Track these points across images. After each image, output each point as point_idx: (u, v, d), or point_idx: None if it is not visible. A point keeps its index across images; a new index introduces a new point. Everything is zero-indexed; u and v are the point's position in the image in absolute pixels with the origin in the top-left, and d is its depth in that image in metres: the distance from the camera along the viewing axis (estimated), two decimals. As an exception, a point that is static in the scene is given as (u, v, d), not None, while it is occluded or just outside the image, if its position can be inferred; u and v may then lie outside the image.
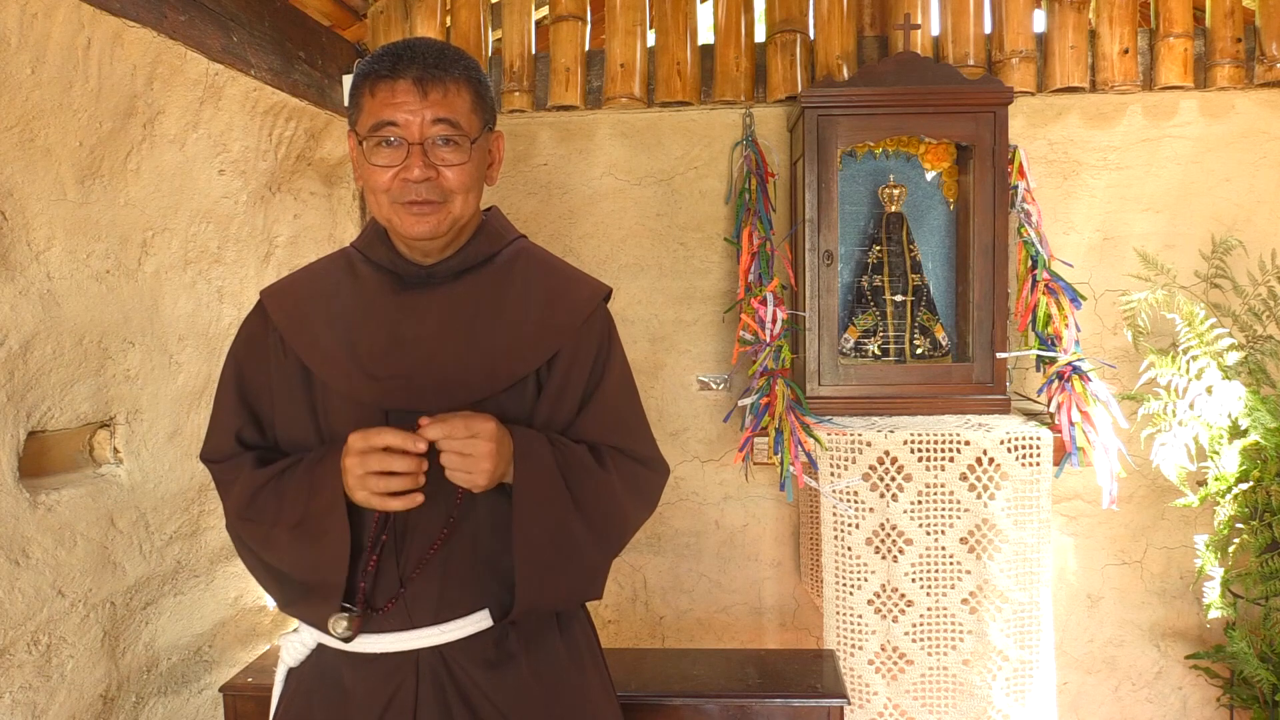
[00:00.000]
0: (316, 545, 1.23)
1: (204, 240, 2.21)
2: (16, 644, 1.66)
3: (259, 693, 1.92)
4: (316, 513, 1.22)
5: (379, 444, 1.16)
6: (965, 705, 2.30)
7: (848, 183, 2.56)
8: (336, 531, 1.21)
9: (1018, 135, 2.68)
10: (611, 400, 1.36)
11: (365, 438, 1.17)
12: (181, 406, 2.13)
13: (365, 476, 1.17)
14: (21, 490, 1.68)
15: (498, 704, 1.27)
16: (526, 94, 2.78)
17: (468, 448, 1.17)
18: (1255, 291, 2.65)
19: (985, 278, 2.38)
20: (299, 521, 1.23)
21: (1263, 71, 2.63)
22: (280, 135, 2.42)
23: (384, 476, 1.16)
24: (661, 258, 2.84)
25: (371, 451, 1.16)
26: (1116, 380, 2.67)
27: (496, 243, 1.36)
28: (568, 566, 1.28)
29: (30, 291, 1.71)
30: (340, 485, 1.20)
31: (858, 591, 2.29)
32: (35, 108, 1.69)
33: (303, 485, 1.24)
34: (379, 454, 1.16)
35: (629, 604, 2.91)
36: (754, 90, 2.75)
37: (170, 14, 1.91)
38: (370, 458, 1.16)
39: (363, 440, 1.17)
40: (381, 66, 1.23)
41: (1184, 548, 2.72)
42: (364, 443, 1.17)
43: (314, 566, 1.24)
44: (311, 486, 1.23)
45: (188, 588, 2.15)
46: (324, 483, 1.21)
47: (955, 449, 2.25)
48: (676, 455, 2.84)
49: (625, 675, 1.96)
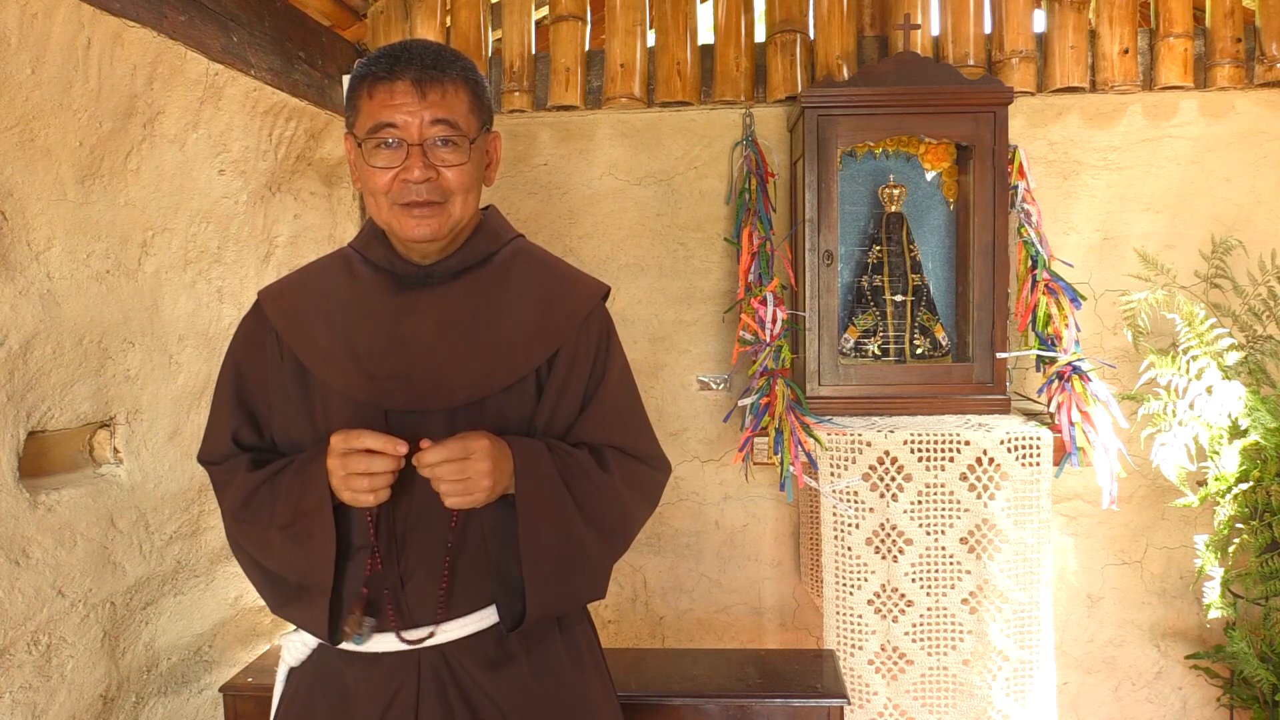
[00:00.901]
0: (305, 546, 1.23)
1: (204, 240, 2.21)
2: (16, 644, 1.66)
3: (259, 693, 1.92)
4: (305, 513, 1.22)
5: (359, 446, 1.17)
6: (965, 705, 2.30)
7: (848, 183, 2.56)
8: (323, 532, 1.21)
9: (1018, 135, 2.68)
10: (612, 399, 1.36)
11: (346, 439, 1.17)
12: (181, 406, 2.13)
13: (348, 478, 1.17)
14: (21, 490, 1.68)
15: (499, 704, 1.27)
16: (526, 94, 2.78)
17: (464, 470, 1.17)
18: (1255, 291, 2.64)
19: (985, 278, 2.38)
20: (289, 522, 1.23)
21: (1263, 71, 2.63)
22: (280, 135, 2.43)
23: (365, 477, 1.16)
24: (661, 258, 2.84)
25: (352, 454, 1.17)
26: (1116, 380, 2.67)
27: (495, 242, 1.36)
28: (575, 572, 1.28)
29: (30, 291, 1.71)
30: (327, 486, 1.20)
31: (858, 591, 2.29)
32: (35, 108, 1.69)
33: (293, 486, 1.24)
34: (360, 456, 1.17)
35: (629, 604, 2.91)
36: (754, 90, 2.75)
37: (170, 14, 1.91)
38: (351, 460, 1.17)
39: (343, 442, 1.17)
40: (379, 68, 1.22)
41: (1184, 548, 2.72)
42: (344, 444, 1.17)
43: (303, 567, 1.24)
44: (301, 487, 1.23)
45: (188, 588, 2.15)
46: (312, 484, 1.21)
47: (955, 449, 2.25)
48: (676, 455, 2.83)
49: (625, 675, 1.96)
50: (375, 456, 1.17)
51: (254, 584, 1.33)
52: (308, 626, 1.28)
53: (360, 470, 1.16)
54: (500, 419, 1.28)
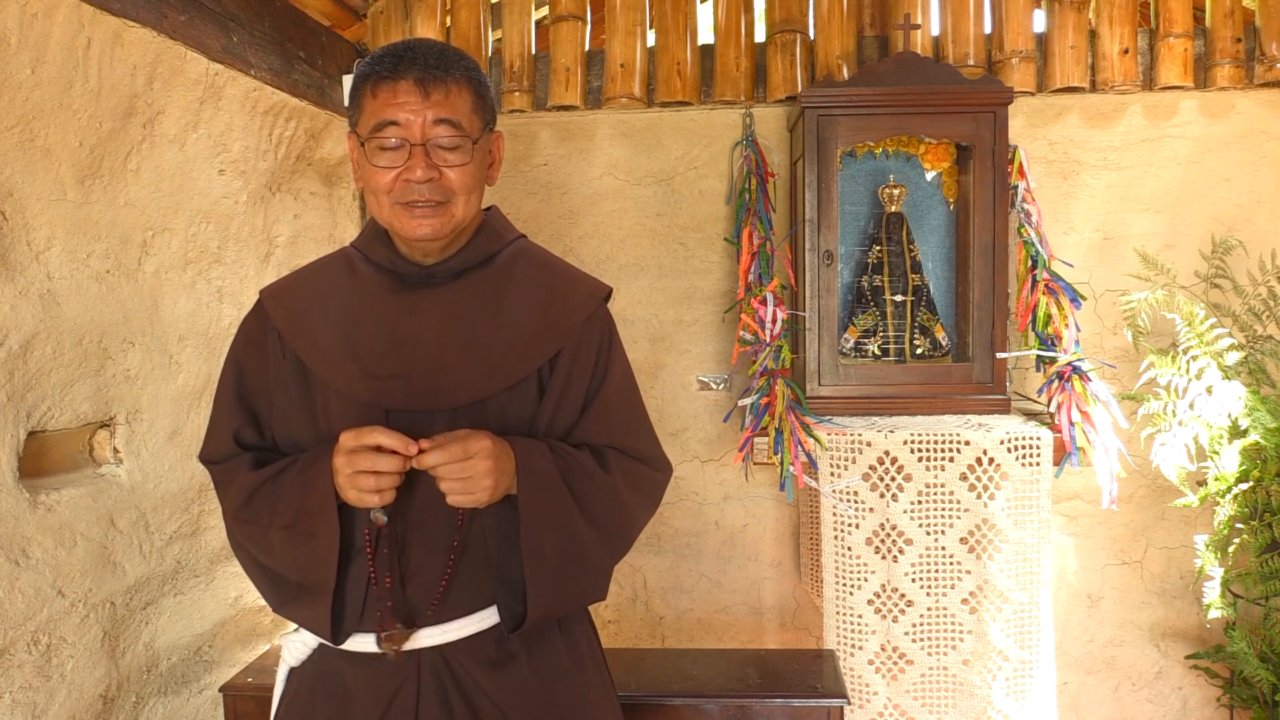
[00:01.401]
0: (308, 545, 1.23)
1: (204, 240, 2.21)
2: (16, 644, 1.66)
3: (259, 693, 1.92)
4: (308, 513, 1.22)
5: (369, 443, 1.16)
6: (965, 705, 2.30)
7: (848, 183, 2.56)
8: (327, 533, 1.21)
9: (1018, 135, 2.68)
10: (613, 401, 1.35)
11: (357, 436, 1.16)
12: (181, 406, 2.13)
13: (354, 475, 1.16)
14: (21, 490, 1.68)
15: (499, 704, 1.27)
16: (526, 94, 2.78)
17: (466, 470, 1.16)
18: (1255, 291, 2.65)
19: (985, 278, 2.38)
20: (292, 522, 1.23)
21: (1263, 71, 2.63)
22: (280, 135, 2.42)
23: (372, 476, 1.16)
24: (661, 258, 2.84)
25: (361, 450, 1.16)
26: (1116, 380, 2.67)
27: (497, 242, 1.36)
28: (577, 574, 1.28)
29: (30, 291, 1.71)
30: (331, 485, 1.19)
31: (858, 591, 2.29)
32: (35, 108, 1.69)
33: (297, 485, 1.24)
34: (368, 453, 1.16)
35: (629, 604, 2.91)
36: (754, 90, 2.75)
37: (170, 14, 1.91)
38: (359, 457, 1.16)
39: (354, 439, 1.16)
40: (382, 68, 1.22)
41: (1184, 548, 2.72)
42: (355, 441, 1.16)
43: (306, 567, 1.24)
44: (305, 486, 1.22)
45: (188, 588, 2.15)
46: (316, 483, 1.21)
47: (955, 449, 2.25)
48: (676, 455, 2.83)
49: (625, 675, 1.96)
50: (383, 455, 1.16)
51: (255, 583, 1.33)
52: (309, 625, 1.28)
53: (366, 468, 1.16)
54: (502, 419, 1.27)
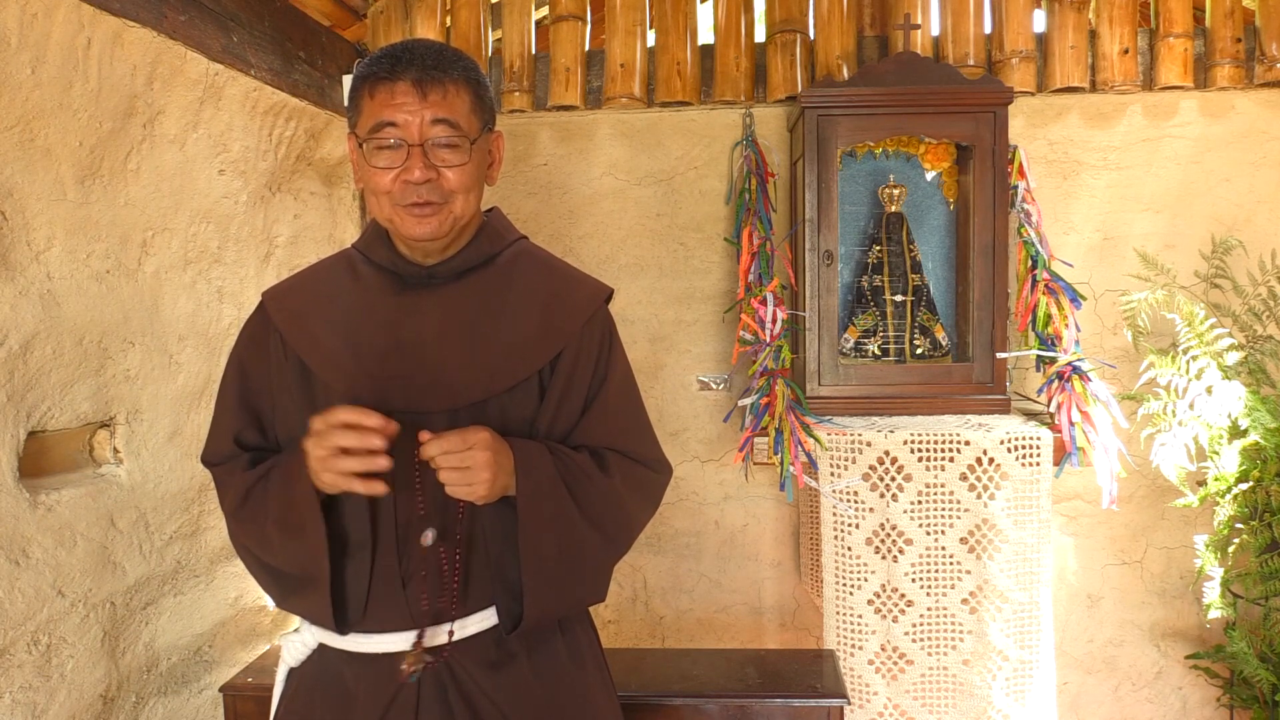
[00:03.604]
0: (299, 538, 1.23)
1: (204, 240, 2.21)
2: (16, 644, 1.66)
3: (259, 693, 1.92)
4: (293, 504, 1.22)
5: (335, 422, 1.14)
6: (965, 705, 2.30)
7: (848, 183, 2.56)
8: (313, 523, 1.21)
9: (1018, 135, 2.68)
10: (614, 402, 1.36)
11: (324, 418, 1.15)
12: (181, 407, 2.13)
13: (325, 458, 1.15)
14: (21, 490, 1.68)
15: (499, 704, 1.27)
16: (526, 94, 2.78)
17: (465, 460, 1.16)
18: (1255, 291, 2.64)
19: (985, 278, 2.38)
20: (282, 516, 1.24)
21: (1263, 71, 2.63)
22: (280, 135, 2.42)
23: (341, 456, 1.14)
24: (661, 258, 2.84)
25: (327, 430, 1.14)
26: (1116, 380, 2.67)
27: (498, 243, 1.36)
28: (575, 575, 1.28)
29: (30, 291, 1.71)
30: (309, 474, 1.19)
31: (858, 591, 2.29)
32: (35, 108, 1.69)
33: (282, 479, 1.24)
34: (335, 431, 1.14)
35: (629, 604, 2.91)
36: (754, 90, 2.75)
37: (170, 14, 1.91)
38: (326, 435, 1.14)
39: (321, 421, 1.15)
40: (380, 68, 1.22)
41: (1184, 548, 2.72)
42: (321, 423, 1.15)
43: (301, 560, 1.25)
44: (289, 479, 1.23)
45: (188, 588, 2.15)
46: (296, 473, 1.20)
47: (955, 449, 2.25)
48: (676, 455, 2.83)
49: (625, 675, 1.96)
50: (350, 432, 1.14)
51: (259, 581, 1.33)
52: (311, 617, 1.28)
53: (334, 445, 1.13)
54: (502, 420, 1.28)
